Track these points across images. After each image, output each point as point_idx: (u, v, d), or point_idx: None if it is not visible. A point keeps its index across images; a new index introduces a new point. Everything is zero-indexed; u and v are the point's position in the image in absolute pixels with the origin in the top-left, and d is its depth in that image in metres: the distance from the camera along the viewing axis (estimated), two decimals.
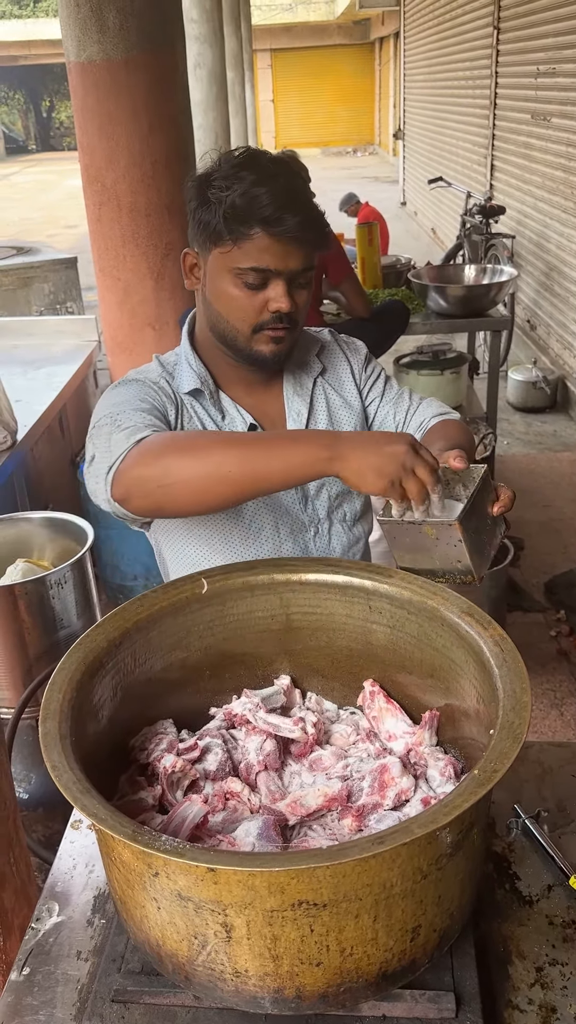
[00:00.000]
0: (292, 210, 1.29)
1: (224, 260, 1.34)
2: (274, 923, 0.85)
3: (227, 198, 1.29)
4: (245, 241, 1.31)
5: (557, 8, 5.38)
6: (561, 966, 1.08)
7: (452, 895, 0.94)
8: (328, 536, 1.57)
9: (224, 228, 1.31)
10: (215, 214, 1.31)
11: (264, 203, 1.28)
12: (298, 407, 1.52)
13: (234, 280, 1.34)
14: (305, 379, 1.54)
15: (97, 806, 0.86)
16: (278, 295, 1.33)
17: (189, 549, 1.52)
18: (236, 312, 1.37)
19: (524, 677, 0.99)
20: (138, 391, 1.42)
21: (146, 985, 1.01)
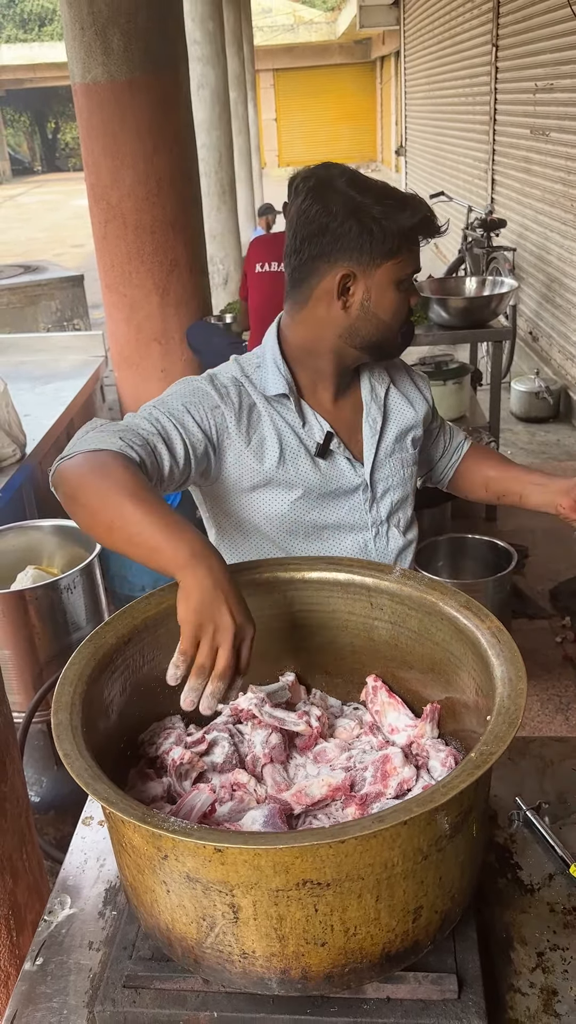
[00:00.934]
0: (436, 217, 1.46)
1: (396, 271, 1.44)
2: (280, 903, 0.88)
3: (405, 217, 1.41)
4: (408, 253, 1.44)
5: (555, 25, 5.45)
6: (562, 951, 1.10)
7: (453, 877, 0.97)
8: (387, 538, 1.62)
9: (403, 244, 1.42)
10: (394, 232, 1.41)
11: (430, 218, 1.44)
12: (374, 414, 1.60)
13: (396, 288, 1.46)
14: (378, 388, 1.62)
15: (108, 791, 0.89)
16: (414, 290, 1.50)
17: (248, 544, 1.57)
18: (397, 316, 1.49)
19: (520, 665, 1.02)
20: (191, 394, 1.46)
21: (156, 970, 1.03)
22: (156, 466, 1.34)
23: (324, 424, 1.53)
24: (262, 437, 1.48)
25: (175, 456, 1.37)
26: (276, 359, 1.52)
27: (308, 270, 1.45)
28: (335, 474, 1.53)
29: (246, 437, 1.46)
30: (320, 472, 1.51)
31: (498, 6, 6.85)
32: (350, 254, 1.42)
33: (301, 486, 1.50)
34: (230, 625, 1.07)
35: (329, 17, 24.71)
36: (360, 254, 1.42)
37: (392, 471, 1.60)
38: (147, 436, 1.36)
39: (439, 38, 9.79)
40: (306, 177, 1.44)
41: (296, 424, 1.51)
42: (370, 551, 1.60)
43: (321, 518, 1.55)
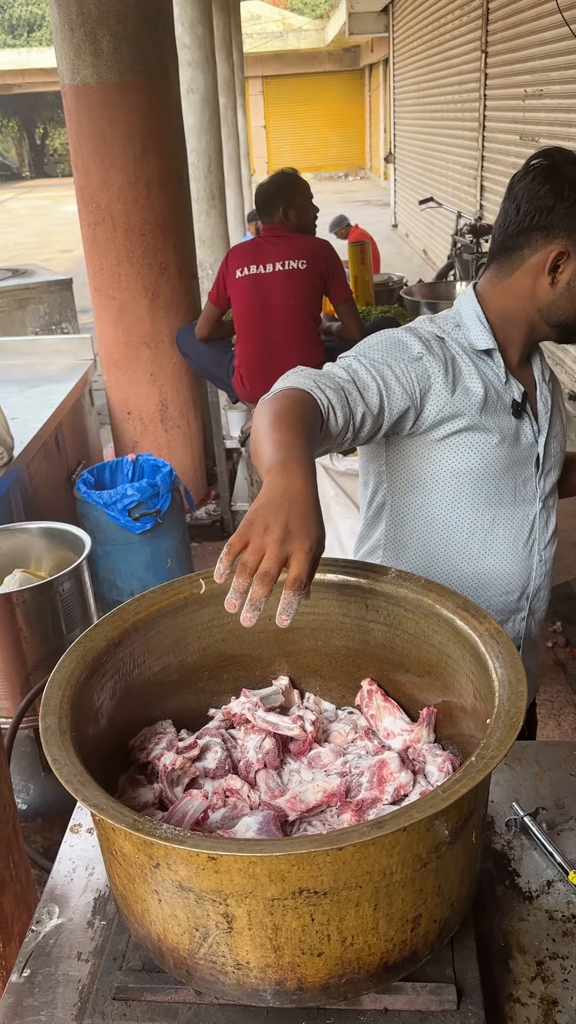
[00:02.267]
0: None
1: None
2: (275, 912, 0.86)
3: None
4: None
5: (543, 32, 5.47)
6: (562, 960, 1.08)
7: (452, 885, 0.95)
8: (547, 517, 1.63)
9: None
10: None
11: None
12: (546, 393, 1.61)
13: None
14: (546, 371, 1.64)
15: (98, 797, 0.86)
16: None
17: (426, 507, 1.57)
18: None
19: (520, 668, 1.00)
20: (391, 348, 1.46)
21: (147, 982, 1.00)
22: (348, 411, 1.33)
23: (520, 386, 1.55)
24: (467, 387, 1.48)
25: (368, 403, 1.37)
26: (480, 317, 1.53)
27: (523, 241, 1.46)
28: (522, 435, 1.54)
29: (451, 387, 1.47)
30: (513, 428, 1.53)
31: (487, 13, 6.88)
32: (570, 234, 1.43)
33: (499, 433, 1.50)
34: (281, 529, 1.00)
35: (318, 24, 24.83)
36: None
37: (555, 451, 1.62)
38: (341, 382, 1.36)
39: (428, 45, 9.82)
40: (538, 157, 1.46)
41: (498, 380, 1.53)
42: (536, 526, 1.61)
43: (503, 480, 1.55)
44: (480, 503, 1.56)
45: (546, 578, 1.68)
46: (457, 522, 1.56)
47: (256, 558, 0.99)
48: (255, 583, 0.98)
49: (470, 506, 1.56)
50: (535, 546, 1.62)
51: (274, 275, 3.61)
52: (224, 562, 1.01)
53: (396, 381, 1.42)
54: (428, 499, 1.57)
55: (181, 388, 4.19)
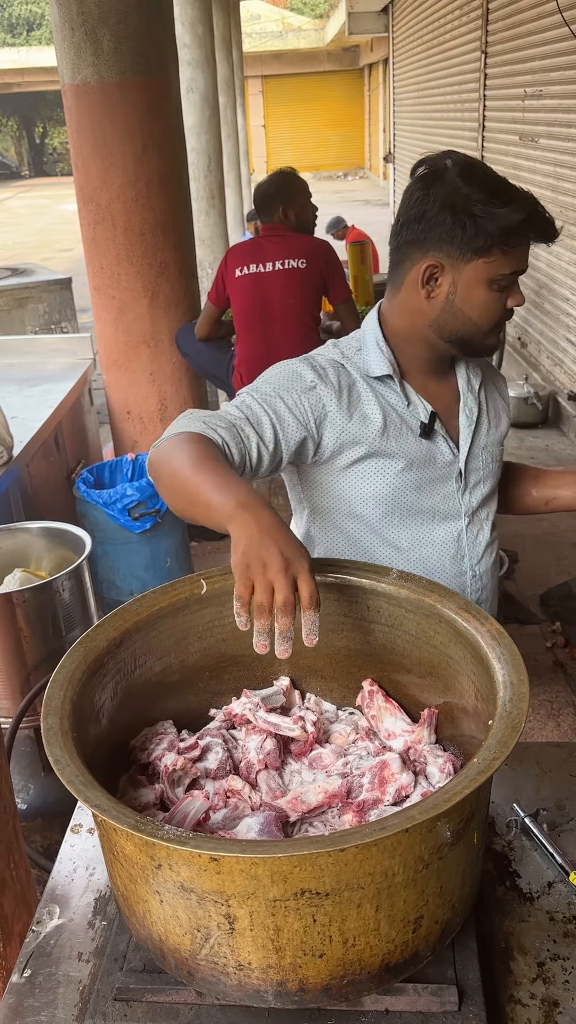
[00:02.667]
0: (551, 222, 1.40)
1: (487, 270, 1.40)
2: (277, 913, 0.86)
3: (506, 215, 1.36)
4: (512, 252, 1.39)
5: (543, 32, 5.47)
6: (563, 961, 1.08)
7: (453, 886, 0.95)
8: (477, 530, 1.62)
9: (497, 242, 1.37)
10: (488, 230, 1.36)
11: (539, 216, 1.38)
12: (471, 403, 1.59)
13: (489, 286, 1.41)
14: (474, 380, 1.61)
15: (100, 798, 0.86)
16: (516, 293, 1.44)
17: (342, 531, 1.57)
18: (488, 314, 1.44)
19: (522, 669, 1.00)
20: (283, 380, 1.47)
21: (148, 983, 1.00)
22: (243, 448, 1.35)
23: (427, 405, 1.54)
24: (364, 413, 1.48)
25: (263, 438, 1.38)
26: (379, 341, 1.52)
27: (403, 255, 1.46)
28: (436, 455, 1.53)
29: (347, 413, 1.46)
30: (423, 450, 1.51)
31: (487, 13, 6.88)
32: (440, 245, 1.41)
33: (403, 458, 1.49)
34: (279, 559, 1.04)
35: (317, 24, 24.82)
36: (450, 247, 1.40)
37: (484, 463, 1.60)
38: (233, 420, 1.37)
39: (428, 45, 9.82)
40: (422, 162, 1.44)
41: (400, 404, 1.51)
42: (463, 542, 1.60)
43: (417, 501, 1.55)
44: (396, 525, 1.55)
45: (486, 591, 1.65)
46: (378, 545, 1.56)
47: (269, 596, 1.03)
48: (279, 616, 1.03)
49: (387, 529, 1.55)
50: (466, 561, 1.60)
51: (274, 274, 3.61)
52: (243, 615, 1.06)
53: (289, 412, 1.42)
54: (346, 524, 1.56)
55: (181, 388, 4.18)
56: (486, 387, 1.64)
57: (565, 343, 5.44)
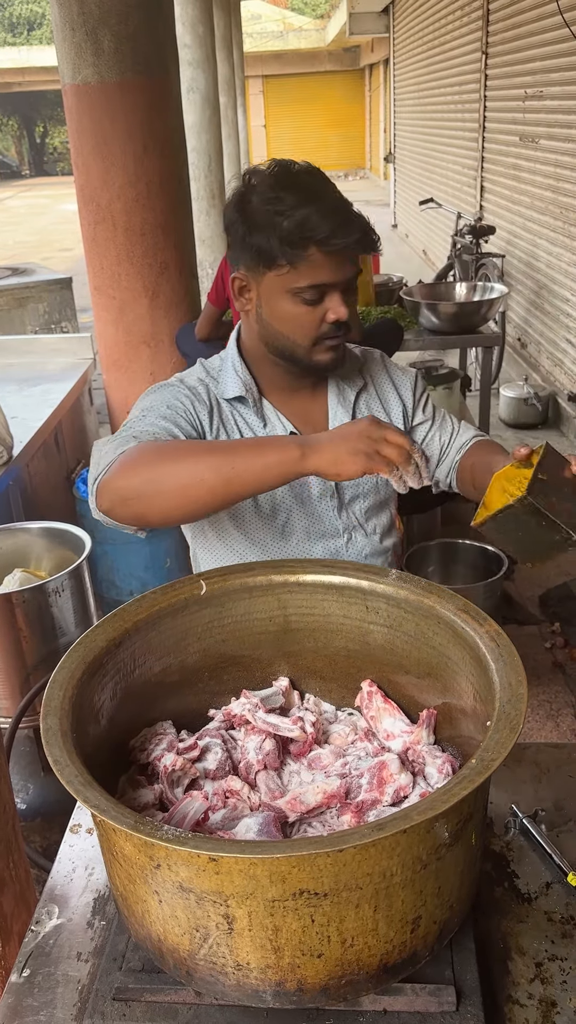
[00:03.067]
0: (344, 225, 1.31)
1: (281, 282, 1.36)
2: (275, 913, 0.86)
3: (279, 223, 1.31)
4: (301, 263, 1.33)
5: (544, 33, 5.47)
6: (560, 961, 1.08)
7: (452, 886, 0.95)
8: (360, 545, 1.60)
9: (279, 253, 1.32)
10: (267, 240, 1.32)
11: (316, 224, 1.30)
12: (341, 417, 1.54)
13: (292, 299, 1.36)
14: (348, 391, 1.56)
15: (99, 798, 0.86)
16: (336, 305, 1.36)
17: (222, 552, 1.56)
18: (298, 329, 1.39)
19: (520, 670, 1.00)
20: (170, 396, 1.45)
21: (147, 983, 1.01)
22: None
23: (287, 424, 1.50)
24: (228, 434, 1.47)
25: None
26: (234, 362, 1.50)
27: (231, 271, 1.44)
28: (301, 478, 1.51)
29: (215, 434, 1.45)
30: None
31: (488, 14, 6.88)
32: (240, 257, 1.38)
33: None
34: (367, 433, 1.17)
35: (318, 24, 24.81)
36: (247, 258, 1.37)
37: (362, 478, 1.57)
38: (156, 433, 1.35)
39: (429, 46, 9.82)
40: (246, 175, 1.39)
41: (257, 426, 1.49)
42: (343, 557, 1.58)
43: (290, 523, 1.53)
44: (266, 543, 1.54)
45: None
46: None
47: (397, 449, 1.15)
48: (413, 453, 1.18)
49: (259, 546, 1.54)
50: None
51: None
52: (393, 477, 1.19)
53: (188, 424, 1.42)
54: (220, 543, 1.56)
55: None
56: (371, 395, 1.59)
57: (565, 344, 5.44)
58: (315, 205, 1.30)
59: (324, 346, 1.41)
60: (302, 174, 1.36)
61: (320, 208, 1.30)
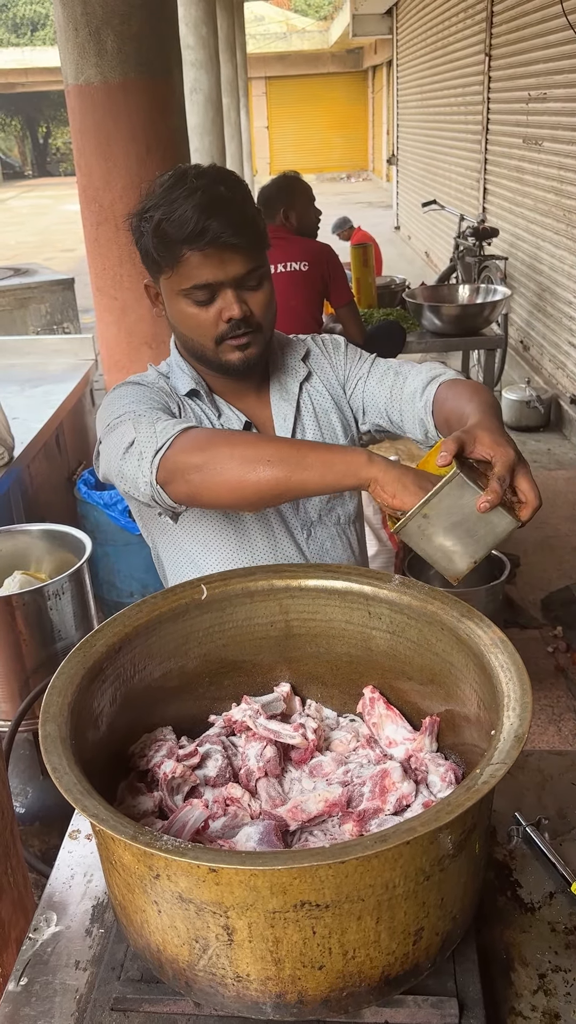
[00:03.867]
0: (213, 219, 1.29)
1: (170, 285, 1.37)
2: (276, 925, 0.85)
3: (151, 228, 1.31)
4: (179, 264, 1.33)
5: (548, 35, 5.46)
6: (564, 972, 1.07)
7: (454, 898, 0.94)
8: (321, 538, 1.59)
9: (158, 256, 1.33)
10: (149, 244, 1.34)
11: (184, 222, 1.29)
12: (284, 411, 1.54)
13: (184, 300, 1.36)
14: (291, 383, 1.55)
15: (98, 807, 0.85)
16: (228, 304, 1.35)
17: (186, 547, 1.55)
18: (196, 329, 1.39)
19: (525, 678, 0.99)
20: (145, 392, 1.45)
21: (146, 993, 0.99)
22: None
23: (240, 416, 1.51)
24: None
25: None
26: (178, 361, 1.51)
27: None
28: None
29: None
30: None
31: (491, 16, 6.87)
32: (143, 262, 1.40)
33: None
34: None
35: (321, 26, 24.82)
36: (145, 265, 1.39)
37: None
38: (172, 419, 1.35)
39: (432, 47, 9.81)
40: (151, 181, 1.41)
41: (213, 417, 1.50)
42: (306, 553, 1.57)
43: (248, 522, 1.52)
44: (227, 542, 1.52)
45: None
46: (214, 564, 1.52)
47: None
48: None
49: (218, 547, 1.52)
50: None
51: (275, 276, 3.60)
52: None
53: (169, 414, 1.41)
54: (180, 543, 1.54)
55: None
56: (315, 383, 1.57)
57: (567, 347, 5.43)
58: (185, 203, 1.29)
59: (227, 346, 1.40)
60: (195, 176, 1.34)
61: (189, 205, 1.29)
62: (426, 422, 1.45)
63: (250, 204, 1.37)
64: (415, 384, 1.48)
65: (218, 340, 1.39)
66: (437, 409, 1.42)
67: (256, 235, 1.36)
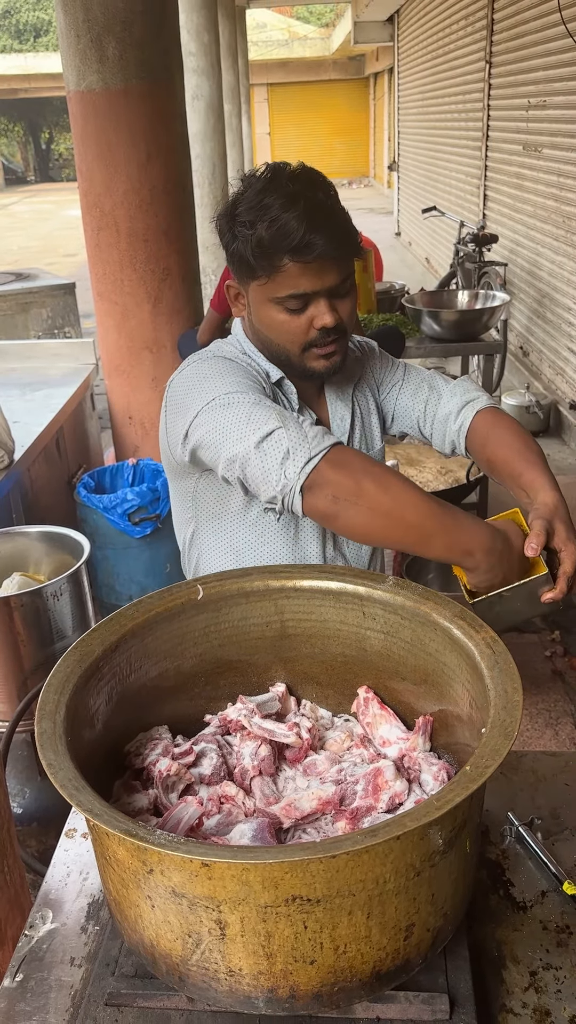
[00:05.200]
0: (318, 232, 1.29)
1: (263, 292, 1.36)
2: (268, 919, 0.86)
3: (252, 235, 1.31)
4: (278, 273, 1.32)
5: (548, 43, 5.49)
6: (555, 970, 1.08)
7: (445, 894, 0.95)
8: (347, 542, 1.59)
9: (256, 264, 1.32)
10: (246, 250, 1.33)
11: (289, 233, 1.28)
12: (341, 412, 1.56)
13: (276, 308, 1.36)
14: (346, 385, 1.57)
15: (93, 802, 0.86)
16: (321, 313, 1.35)
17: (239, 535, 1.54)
18: (284, 336, 1.39)
19: (516, 677, 1.00)
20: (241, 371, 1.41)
21: (140, 988, 1.01)
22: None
23: (312, 414, 1.52)
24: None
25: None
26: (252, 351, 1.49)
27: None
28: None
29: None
30: None
31: (492, 23, 6.90)
32: (231, 265, 1.40)
33: None
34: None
35: (323, 33, 24.90)
36: (234, 268, 1.39)
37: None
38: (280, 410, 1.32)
39: (433, 55, 9.85)
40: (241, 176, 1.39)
41: (295, 410, 1.49)
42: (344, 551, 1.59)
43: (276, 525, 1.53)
44: (286, 540, 1.52)
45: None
46: (260, 559, 1.52)
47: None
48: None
49: (273, 542, 1.52)
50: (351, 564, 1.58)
51: None
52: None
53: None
54: (233, 533, 1.53)
55: None
56: (362, 386, 1.60)
57: (567, 352, 5.44)
58: (290, 212, 1.29)
59: (313, 353, 1.40)
60: (290, 179, 1.34)
61: (295, 215, 1.29)
62: (457, 444, 1.54)
63: (346, 213, 1.38)
64: (450, 406, 1.55)
65: (305, 347, 1.39)
66: (479, 444, 1.51)
67: (354, 246, 1.37)
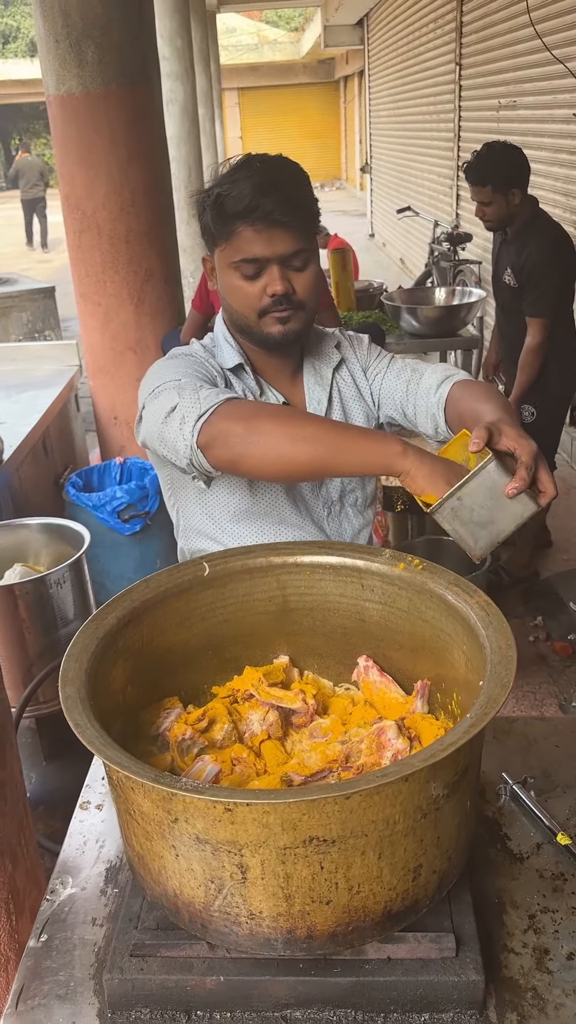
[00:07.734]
0: (268, 197, 1.39)
1: (223, 257, 1.47)
2: (287, 861, 0.92)
3: (210, 203, 1.43)
4: (232, 237, 1.43)
5: (517, 44, 5.60)
6: (552, 913, 1.15)
7: (450, 837, 1.01)
8: (339, 519, 1.66)
9: (214, 229, 1.45)
10: (206, 218, 1.45)
11: (239, 198, 1.39)
12: (318, 395, 1.61)
13: (234, 273, 1.46)
14: (324, 370, 1.63)
15: (120, 756, 0.92)
16: (273, 279, 1.44)
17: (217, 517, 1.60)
18: (241, 300, 1.48)
19: (509, 635, 1.06)
20: (191, 363, 1.51)
21: (163, 939, 1.06)
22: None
23: (279, 396, 1.58)
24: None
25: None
26: (225, 335, 1.58)
27: None
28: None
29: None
30: None
31: (461, 26, 7.01)
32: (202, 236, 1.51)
33: None
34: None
35: (293, 37, 25.03)
36: (205, 239, 1.50)
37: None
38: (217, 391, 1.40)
39: (403, 57, 9.97)
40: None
41: (256, 392, 1.56)
42: (327, 531, 1.64)
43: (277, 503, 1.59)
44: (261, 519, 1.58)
45: None
46: (240, 538, 1.58)
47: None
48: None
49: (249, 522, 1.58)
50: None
51: None
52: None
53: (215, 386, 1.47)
54: (210, 515, 1.60)
55: None
56: (345, 373, 1.65)
57: None
58: (246, 181, 1.39)
59: (270, 318, 1.48)
60: (259, 160, 1.45)
61: (248, 183, 1.39)
62: (437, 417, 1.54)
63: (306, 188, 1.47)
64: (430, 381, 1.56)
65: (261, 313, 1.47)
66: (451, 407, 1.51)
67: (306, 217, 1.45)
